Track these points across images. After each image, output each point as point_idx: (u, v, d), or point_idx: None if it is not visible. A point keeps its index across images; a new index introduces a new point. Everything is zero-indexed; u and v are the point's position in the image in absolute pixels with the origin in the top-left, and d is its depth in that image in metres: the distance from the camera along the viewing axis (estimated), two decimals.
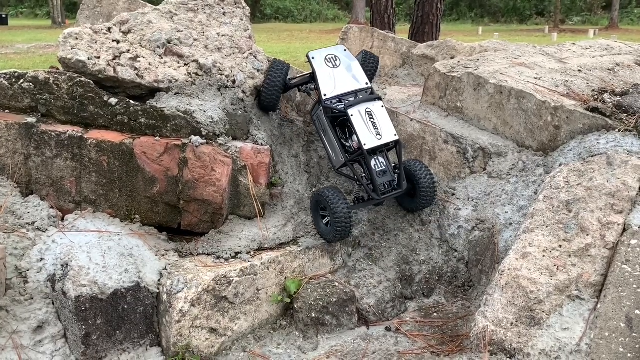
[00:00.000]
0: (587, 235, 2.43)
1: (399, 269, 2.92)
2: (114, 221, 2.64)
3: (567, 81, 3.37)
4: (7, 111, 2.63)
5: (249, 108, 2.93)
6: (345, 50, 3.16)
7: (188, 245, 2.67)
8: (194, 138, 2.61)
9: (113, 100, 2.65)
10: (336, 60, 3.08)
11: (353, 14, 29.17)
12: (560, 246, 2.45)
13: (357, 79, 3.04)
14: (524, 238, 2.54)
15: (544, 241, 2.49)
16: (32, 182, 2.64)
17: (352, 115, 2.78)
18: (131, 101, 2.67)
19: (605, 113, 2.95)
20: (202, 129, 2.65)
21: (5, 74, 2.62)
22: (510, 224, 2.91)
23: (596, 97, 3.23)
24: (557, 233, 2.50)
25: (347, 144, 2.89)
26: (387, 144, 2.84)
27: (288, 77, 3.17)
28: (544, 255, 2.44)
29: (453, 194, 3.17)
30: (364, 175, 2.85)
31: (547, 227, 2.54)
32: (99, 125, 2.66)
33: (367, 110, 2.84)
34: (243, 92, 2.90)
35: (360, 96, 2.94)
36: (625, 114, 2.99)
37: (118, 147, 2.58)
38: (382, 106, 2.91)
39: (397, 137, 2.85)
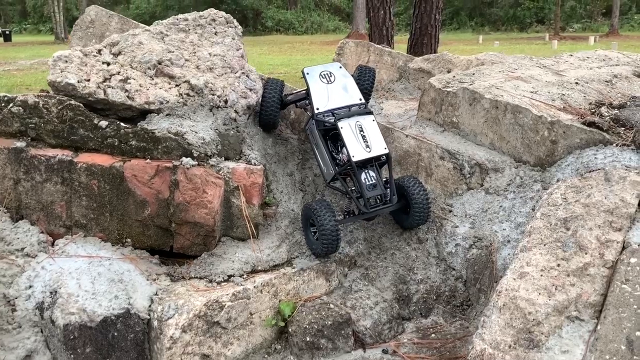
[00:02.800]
0: (586, 253, 2.38)
1: (395, 288, 2.87)
2: (105, 245, 2.61)
3: (563, 94, 3.34)
4: None
5: (242, 127, 2.91)
6: (340, 67, 3.16)
7: (180, 269, 2.63)
8: (185, 160, 2.58)
9: (103, 123, 2.63)
10: (331, 76, 3.09)
11: (353, 25, 29.29)
12: (559, 265, 2.40)
13: (351, 95, 3.05)
14: (522, 257, 2.49)
15: (541, 260, 2.44)
16: (22, 206, 2.61)
17: (342, 128, 2.80)
18: (122, 123, 2.64)
19: (603, 127, 2.91)
20: (193, 151, 2.62)
21: None
22: (508, 241, 2.86)
23: (593, 110, 3.20)
24: (555, 252, 2.45)
25: (337, 157, 2.90)
26: (377, 158, 2.83)
27: (284, 94, 3.18)
28: (542, 275, 2.39)
29: (450, 211, 3.13)
30: (353, 188, 2.84)
31: (544, 245, 2.49)
32: (89, 148, 2.63)
33: (358, 123, 2.85)
34: (235, 111, 2.87)
35: (354, 110, 2.95)
36: (622, 128, 2.95)
37: (108, 170, 2.55)
38: (373, 120, 2.92)
39: (387, 151, 2.84)
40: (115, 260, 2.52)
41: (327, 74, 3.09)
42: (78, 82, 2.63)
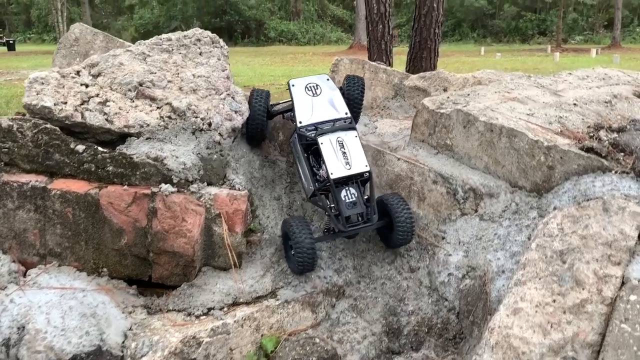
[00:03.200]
0: (583, 289, 2.25)
1: (385, 321, 2.74)
2: (80, 275, 2.50)
3: (561, 117, 3.23)
4: None
5: (226, 151, 2.80)
6: (328, 79, 3.07)
7: (158, 301, 2.52)
8: (164, 186, 2.47)
9: (80, 148, 2.52)
10: (317, 88, 3.01)
11: (355, 36, 29.32)
12: (554, 301, 2.27)
13: (337, 108, 2.97)
14: (516, 291, 2.36)
15: (536, 295, 2.31)
16: None
17: (322, 144, 2.74)
18: (99, 148, 2.54)
19: (601, 153, 2.79)
20: (173, 176, 2.52)
21: None
22: (503, 271, 2.74)
23: (592, 134, 3.08)
24: (550, 286, 2.33)
25: (318, 173, 2.83)
26: (359, 175, 2.76)
27: (270, 103, 3.11)
28: (536, 311, 2.27)
29: (443, 238, 3.01)
30: (332, 205, 2.75)
31: (540, 279, 2.37)
32: (65, 173, 2.53)
33: (339, 139, 2.78)
34: (220, 134, 2.77)
35: (337, 125, 2.87)
36: (622, 153, 2.83)
37: (83, 197, 2.45)
38: (356, 136, 2.84)
39: (368, 168, 2.76)
40: (89, 291, 2.40)
41: (313, 86, 3.01)
42: (54, 104, 2.53)
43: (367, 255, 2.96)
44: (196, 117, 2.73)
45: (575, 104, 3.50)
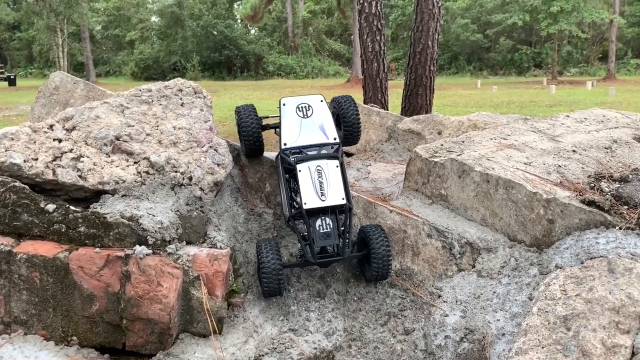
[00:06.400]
0: None
1: None
2: (48, 345, 2.32)
3: (560, 166, 3.09)
4: None
5: (207, 206, 2.65)
6: (322, 100, 2.95)
7: None
8: (138, 249, 2.32)
9: (50, 207, 2.38)
10: (308, 109, 2.89)
11: (353, 69, 29.54)
12: None
13: (326, 133, 2.85)
14: None
15: None
16: None
17: (299, 171, 2.66)
18: (71, 207, 2.39)
19: (604, 207, 2.64)
20: (148, 237, 2.36)
21: None
22: (503, 334, 2.55)
23: (592, 184, 2.94)
24: (554, 356, 2.14)
25: (295, 199, 2.74)
26: (337, 207, 2.66)
27: (261, 116, 3.04)
28: None
29: (439, 296, 2.84)
30: (305, 234, 2.66)
31: (542, 347, 2.19)
32: (34, 235, 2.38)
33: (318, 168, 2.69)
34: (201, 189, 2.63)
35: (324, 151, 2.77)
36: (625, 207, 2.68)
37: (51, 262, 2.28)
38: (337, 166, 2.72)
39: (344, 202, 2.66)
40: None
41: (304, 107, 2.89)
42: (24, 161, 2.39)
43: (359, 315, 2.78)
44: (176, 172, 2.59)
45: (574, 151, 3.37)
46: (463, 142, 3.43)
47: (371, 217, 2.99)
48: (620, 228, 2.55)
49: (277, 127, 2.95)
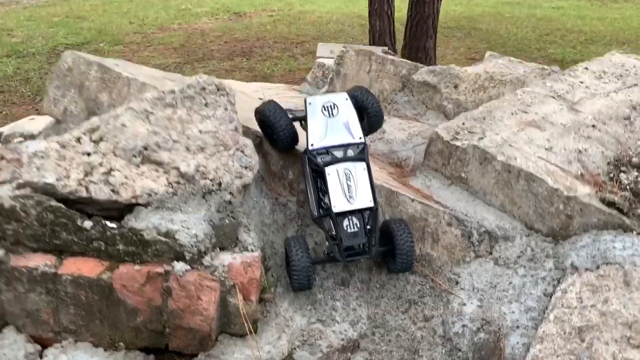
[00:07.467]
0: None
1: None
2: (97, 351, 2.49)
3: (580, 152, 3.12)
4: None
5: (237, 209, 2.71)
6: (347, 99, 2.95)
7: None
8: (177, 266, 2.41)
9: (87, 224, 2.43)
10: (334, 108, 2.90)
11: None
12: None
13: (352, 133, 2.88)
14: None
15: None
16: (6, 313, 2.47)
17: (328, 174, 2.74)
18: (107, 223, 2.45)
19: (623, 209, 2.72)
20: (185, 253, 2.45)
21: None
22: (517, 327, 2.75)
23: (612, 174, 2.99)
24: None
25: (323, 199, 2.82)
26: (364, 209, 2.76)
27: (286, 108, 3.03)
28: None
29: (457, 282, 3.00)
30: (334, 233, 2.78)
31: (557, 357, 2.38)
32: (74, 252, 2.45)
33: (346, 170, 2.76)
34: (230, 193, 2.67)
35: (350, 151, 2.83)
36: None
37: (95, 282, 2.39)
38: (364, 168, 2.80)
39: (372, 204, 2.76)
40: None
41: (330, 106, 2.90)
42: (57, 180, 2.41)
43: (381, 302, 2.95)
44: (205, 179, 2.61)
45: (594, 125, 3.37)
46: (484, 118, 3.41)
47: (393, 205, 3.07)
48: (638, 233, 2.66)
49: (303, 119, 2.93)
